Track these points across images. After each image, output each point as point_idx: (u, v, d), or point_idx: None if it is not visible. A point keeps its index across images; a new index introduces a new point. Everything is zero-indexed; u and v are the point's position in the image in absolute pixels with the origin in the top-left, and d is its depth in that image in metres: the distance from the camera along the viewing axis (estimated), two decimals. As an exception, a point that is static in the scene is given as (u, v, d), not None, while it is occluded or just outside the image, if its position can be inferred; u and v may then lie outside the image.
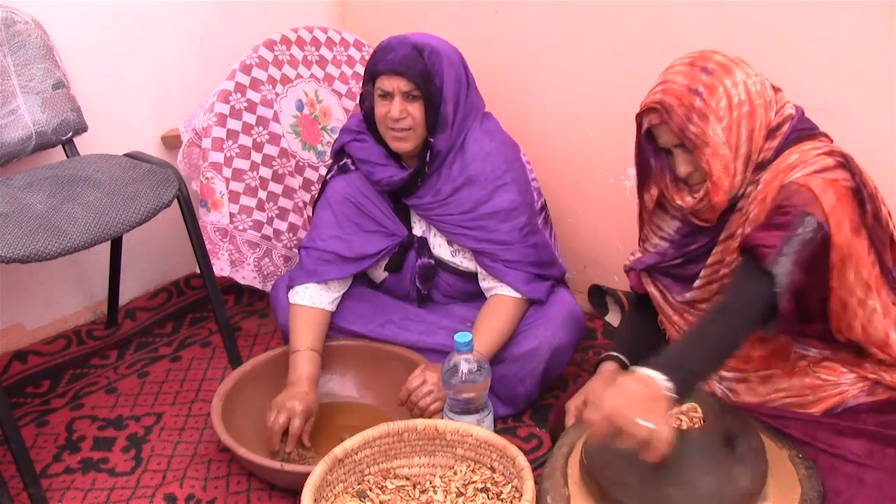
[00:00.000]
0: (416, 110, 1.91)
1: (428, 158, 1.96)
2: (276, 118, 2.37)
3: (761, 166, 1.50)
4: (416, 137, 1.94)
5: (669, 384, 1.31)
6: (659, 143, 1.54)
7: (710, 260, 1.58)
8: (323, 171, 2.48)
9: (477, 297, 2.10)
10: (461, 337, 1.75)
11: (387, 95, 1.91)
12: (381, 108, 1.92)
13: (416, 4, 2.57)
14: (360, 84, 2.52)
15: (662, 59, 2.08)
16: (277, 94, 2.38)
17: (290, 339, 2.01)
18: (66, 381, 2.29)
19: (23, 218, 1.85)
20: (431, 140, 1.94)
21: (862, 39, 1.75)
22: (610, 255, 2.42)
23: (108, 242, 2.18)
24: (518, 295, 2.02)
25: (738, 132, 1.47)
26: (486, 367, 1.78)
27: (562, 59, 2.31)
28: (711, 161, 1.46)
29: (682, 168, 1.51)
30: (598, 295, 2.44)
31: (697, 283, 1.61)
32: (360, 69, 2.56)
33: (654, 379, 1.31)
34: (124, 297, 2.47)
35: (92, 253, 2.15)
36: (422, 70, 1.88)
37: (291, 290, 2.06)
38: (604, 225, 2.39)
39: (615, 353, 1.74)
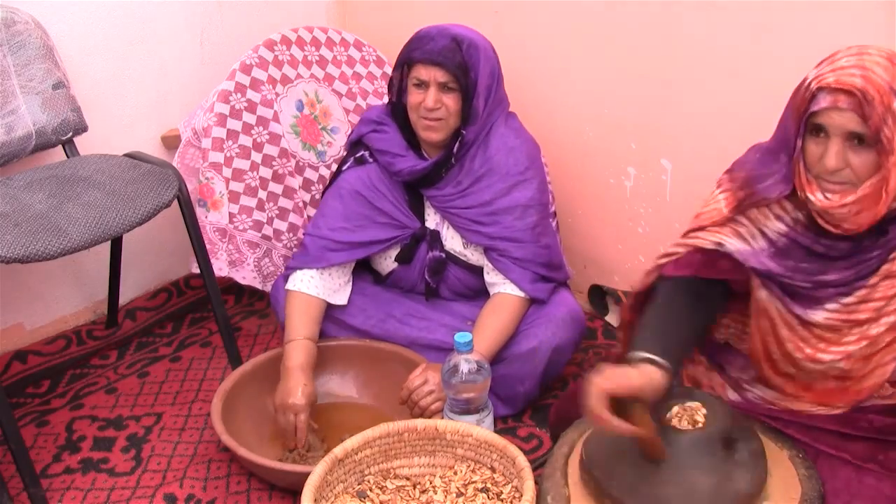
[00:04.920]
0: (450, 101, 1.91)
1: (456, 149, 1.96)
2: (276, 118, 2.37)
3: None
4: (448, 128, 1.94)
5: None
6: (819, 122, 1.36)
7: (848, 300, 1.43)
8: (323, 171, 2.48)
9: (482, 294, 2.10)
10: (461, 337, 1.75)
11: (422, 85, 1.91)
12: (415, 96, 1.93)
13: (416, 4, 2.57)
14: (360, 85, 2.55)
15: (662, 60, 2.10)
16: (277, 94, 2.38)
17: (287, 327, 2.00)
18: (66, 381, 2.29)
19: (23, 218, 1.85)
20: (464, 131, 1.95)
21: (862, 39, 1.74)
22: (610, 255, 2.42)
23: (108, 242, 2.17)
24: (521, 294, 2.02)
25: None
26: (486, 367, 1.78)
27: (562, 60, 2.31)
28: (893, 170, 1.32)
29: (834, 161, 1.34)
30: (598, 295, 2.44)
31: (821, 314, 1.45)
32: (361, 69, 2.56)
33: None
34: (124, 297, 2.47)
35: (92, 253, 2.15)
36: (459, 62, 1.89)
37: (291, 276, 2.04)
38: (604, 225, 2.39)
39: (647, 355, 1.41)
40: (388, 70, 2.59)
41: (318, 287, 2.03)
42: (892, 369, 1.45)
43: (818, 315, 1.45)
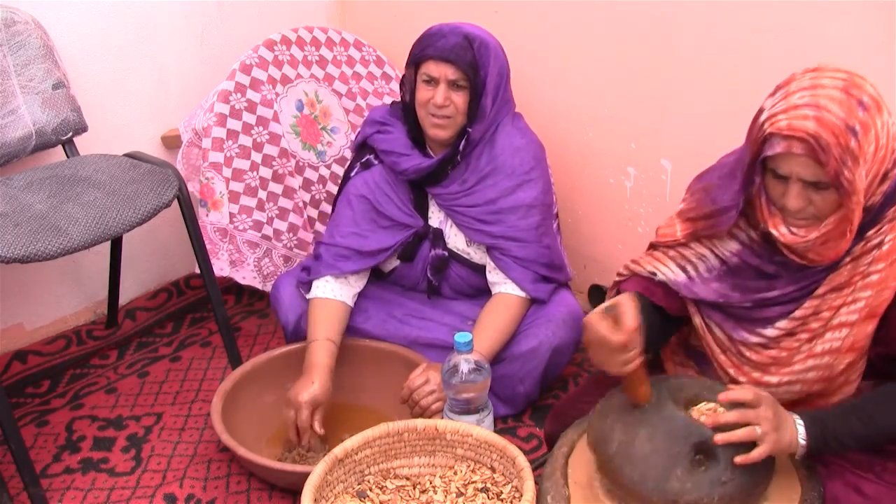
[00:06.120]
0: (459, 99, 1.91)
1: (461, 147, 1.96)
2: (276, 118, 2.37)
3: (868, 210, 1.36)
4: (455, 126, 1.95)
5: (804, 442, 1.35)
6: (776, 169, 1.34)
7: (798, 313, 1.42)
8: (323, 171, 2.48)
9: (484, 293, 2.10)
10: (461, 337, 1.75)
11: (432, 81, 1.91)
12: (424, 93, 1.93)
13: (416, 4, 2.57)
14: (360, 85, 2.55)
15: (662, 60, 2.10)
16: (277, 94, 2.38)
17: (308, 330, 2.00)
18: (66, 381, 2.29)
19: (23, 218, 1.85)
20: (470, 130, 1.95)
21: (862, 39, 1.75)
22: (610, 255, 2.42)
23: (108, 242, 2.18)
24: (522, 294, 2.02)
25: (872, 176, 1.32)
26: (485, 367, 1.78)
27: (562, 60, 2.31)
28: (856, 208, 1.30)
29: (796, 202, 1.33)
30: (598, 295, 2.44)
31: (772, 332, 1.46)
32: (361, 69, 2.56)
33: (797, 430, 1.35)
34: (124, 297, 2.47)
35: (92, 253, 2.15)
36: (471, 61, 1.90)
37: (312, 287, 2.04)
38: (604, 225, 2.39)
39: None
40: (389, 70, 2.59)
41: (334, 291, 2.03)
42: (856, 386, 1.44)
43: (769, 332, 1.46)
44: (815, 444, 1.35)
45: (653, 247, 1.63)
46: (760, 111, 1.36)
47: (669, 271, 1.56)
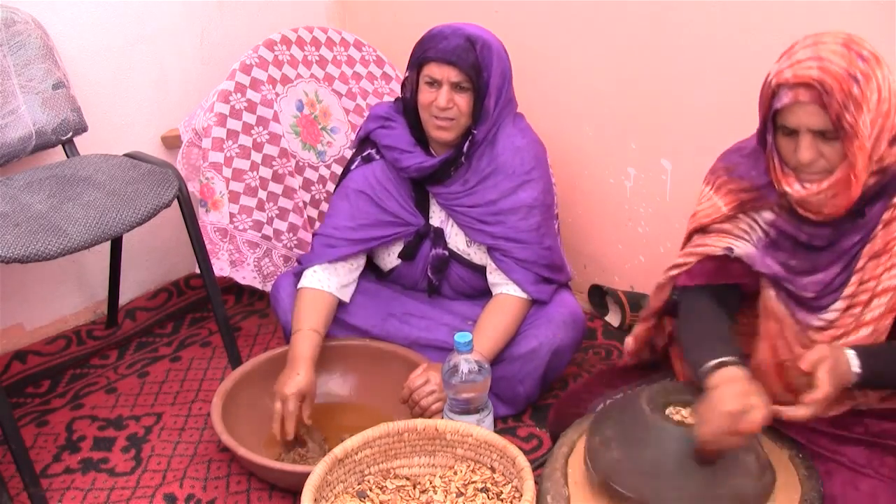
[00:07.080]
0: (462, 101, 1.91)
1: (466, 148, 1.96)
2: (276, 118, 2.37)
3: (884, 172, 1.41)
4: (459, 128, 1.94)
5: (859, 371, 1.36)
6: (786, 123, 1.39)
7: (847, 291, 1.44)
8: (323, 171, 2.48)
9: (485, 294, 2.10)
10: (461, 337, 1.75)
11: (434, 83, 1.91)
12: (426, 95, 1.92)
13: (416, 4, 2.57)
14: (360, 85, 2.55)
15: (662, 60, 2.10)
16: (277, 94, 2.38)
17: (293, 319, 2.00)
18: (66, 381, 2.29)
19: (23, 218, 1.85)
20: (475, 131, 1.94)
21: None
22: (610, 255, 2.42)
23: (108, 242, 2.18)
24: (524, 295, 2.02)
25: (878, 129, 1.37)
26: (486, 367, 1.78)
27: (562, 59, 2.31)
28: (858, 153, 1.35)
29: (807, 154, 1.37)
30: (598, 295, 2.45)
31: (832, 315, 1.47)
32: (361, 69, 2.56)
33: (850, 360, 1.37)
34: (124, 297, 2.47)
35: (92, 253, 2.15)
36: (473, 62, 1.89)
37: (302, 276, 2.05)
38: (604, 225, 2.39)
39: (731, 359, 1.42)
40: (389, 70, 2.59)
41: (321, 281, 2.03)
42: None
43: (829, 315, 1.47)
44: (868, 374, 1.37)
45: (702, 230, 1.58)
46: (768, 75, 1.41)
47: (743, 244, 1.52)
